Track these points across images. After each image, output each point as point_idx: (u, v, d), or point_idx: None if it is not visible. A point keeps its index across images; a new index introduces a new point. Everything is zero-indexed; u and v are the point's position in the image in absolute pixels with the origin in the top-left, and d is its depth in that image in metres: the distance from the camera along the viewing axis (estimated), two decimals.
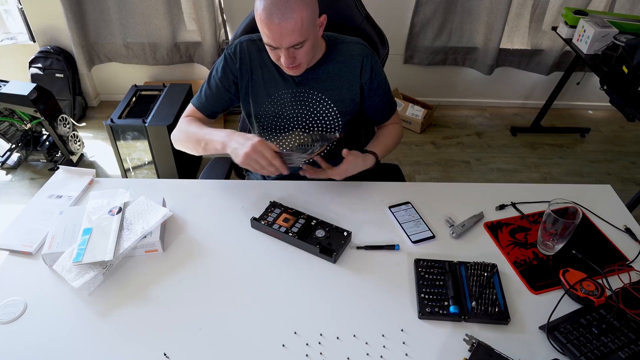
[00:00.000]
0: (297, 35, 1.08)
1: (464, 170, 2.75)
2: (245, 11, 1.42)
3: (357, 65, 1.28)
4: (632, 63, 1.95)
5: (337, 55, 1.27)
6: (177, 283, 1.02)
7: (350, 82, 1.29)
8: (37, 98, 2.36)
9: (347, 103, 1.32)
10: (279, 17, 1.05)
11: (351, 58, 1.27)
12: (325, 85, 1.29)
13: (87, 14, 2.81)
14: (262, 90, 1.30)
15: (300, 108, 1.31)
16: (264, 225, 1.13)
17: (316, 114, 1.32)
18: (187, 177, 2.54)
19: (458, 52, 3.03)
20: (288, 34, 1.07)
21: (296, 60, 1.14)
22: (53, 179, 1.28)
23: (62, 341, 0.90)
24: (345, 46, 1.27)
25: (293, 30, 1.07)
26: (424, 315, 0.95)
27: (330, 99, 1.30)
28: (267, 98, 1.30)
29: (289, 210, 1.17)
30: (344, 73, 1.28)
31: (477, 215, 1.19)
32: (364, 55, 1.28)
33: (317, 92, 1.29)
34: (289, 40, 1.09)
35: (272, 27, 1.06)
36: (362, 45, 1.29)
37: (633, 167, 2.82)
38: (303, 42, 1.11)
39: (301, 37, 1.09)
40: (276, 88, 1.29)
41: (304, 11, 1.07)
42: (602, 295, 0.96)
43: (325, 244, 1.07)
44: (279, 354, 0.88)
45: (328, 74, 1.28)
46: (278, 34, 1.08)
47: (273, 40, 1.10)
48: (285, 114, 1.32)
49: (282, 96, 1.30)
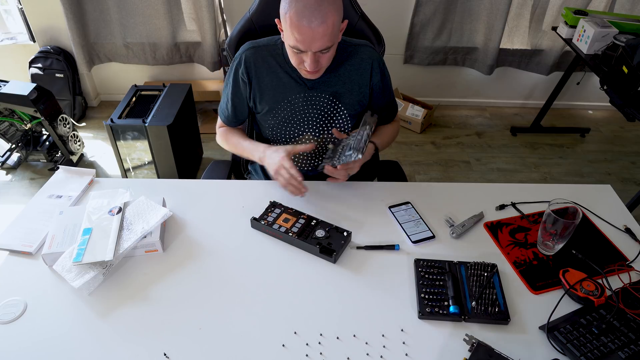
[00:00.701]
0: (327, 39, 1.08)
1: (464, 170, 2.75)
2: (245, 11, 1.42)
3: (367, 68, 1.29)
4: (632, 63, 1.95)
5: (347, 58, 1.27)
6: (177, 283, 1.02)
7: (360, 84, 1.30)
8: (37, 98, 2.36)
9: (357, 105, 1.33)
10: (312, 21, 1.04)
11: (361, 61, 1.28)
12: (337, 88, 1.29)
13: (87, 14, 2.81)
14: (272, 96, 1.30)
15: (312, 111, 1.31)
16: (264, 225, 1.13)
17: (327, 117, 1.33)
18: (187, 177, 2.54)
19: (458, 52, 3.03)
20: (319, 38, 1.07)
21: (319, 65, 1.15)
22: (53, 179, 1.28)
23: (62, 341, 0.90)
24: (355, 49, 1.28)
25: (324, 35, 1.07)
26: (424, 315, 0.95)
27: (341, 102, 1.31)
28: (278, 104, 1.30)
29: (289, 210, 1.17)
30: (354, 76, 1.29)
31: (477, 215, 1.19)
32: (373, 58, 1.29)
33: (329, 95, 1.29)
34: (319, 44, 1.08)
35: (303, 30, 1.05)
36: (370, 48, 1.29)
37: (633, 167, 2.82)
38: (330, 46, 1.11)
39: (330, 42, 1.10)
40: (288, 93, 1.29)
41: (335, 16, 1.07)
42: (602, 295, 0.96)
43: (325, 244, 1.07)
44: (279, 354, 0.88)
45: (339, 77, 1.28)
46: (309, 38, 1.07)
47: (302, 44, 1.09)
48: (297, 117, 1.32)
49: (294, 101, 1.30)
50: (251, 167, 1.57)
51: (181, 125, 2.36)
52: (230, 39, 1.41)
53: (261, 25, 1.38)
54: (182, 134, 2.37)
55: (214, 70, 3.01)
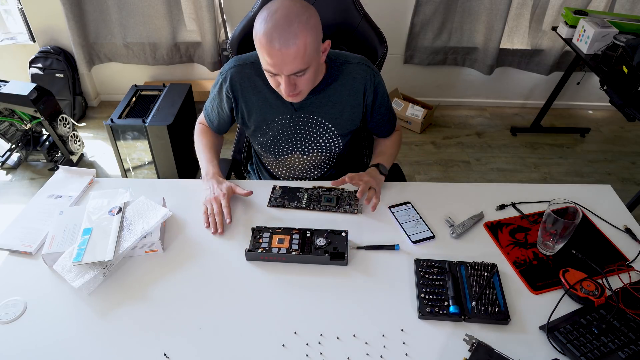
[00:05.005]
0: (299, 62, 1.02)
1: (464, 170, 2.75)
2: (245, 11, 1.42)
3: (359, 89, 1.23)
4: (632, 63, 1.95)
5: (338, 78, 1.21)
6: (177, 283, 1.02)
7: (352, 105, 1.25)
8: (37, 98, 2.36)
9: (348, 125, 1.29)
10: (281, 43, 0.98)
11: (354, 81, 1.22)
12: (326, 109, 1.24)
13: (87, 14, 2.81)
14: (259, 116, 1.26)
15: (300, 132, 1.28)
16: (261, 253, 1.05)
17: (316, 138, 1.29)
18: (187, 177, 2.54)
19: (458, 52, 3.03)
20: (290, 61, 1.01)
21: (297, 88, 1.09)
22: (53, 179, 1.28)
23: (62, 341, 0.90)
24: (347, 68, 1.21)
25: (295, 57, 1.00)
26: (424, 315, 0.95)
27: (330, 123, 1.26)
28: (264, 124, 1.27)
29: (277, 230, 1.11)
30: (345, 97, 1.23)
31: (477, 215, 1.19)
32: (367, 77, 1.22)
33: (317, 116, 1.25)
34: (291, 67, 1.02)
35: (273, 53, 1.00)
36: (364, 66, 1.22)
37: (633, 167, 2.82)
38: (305, 69, 1.05)
39: (303, 65, 1.03)
40: (274, 114, 1.25)
41: (308, 37, 1.00)
42: (602, 295, 0.96)
43: (332, 250, 1.06)
44: (279, 354, 0.88)
45: (329, 98, 1.23)
46: (279, 61, 1.01)
47: (273, 67, 1.03)
48: (284, 138, 1.29)
49: (280, 122, 1.26)
50: (250, 167, 1.57)
51: (181, 125, 2.36)
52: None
53: None
54: (182, 134, 2.36)
55: (214, 70, 3.01)
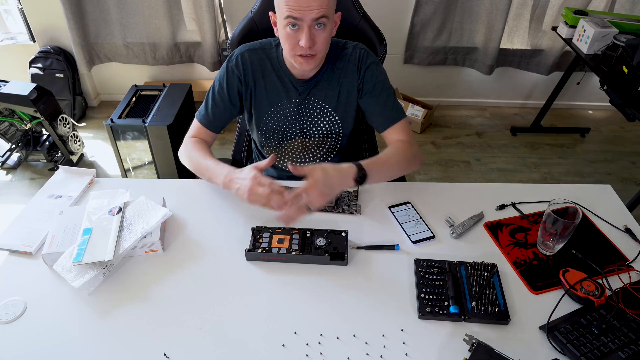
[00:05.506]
0: (324, 6, 1.05)
1: (464, 170, 2.75)
2: (245, 11, 1.42)
3: (354, 70, 1.25)
4: (632, 63, 1.95)
5: (336, 62, 1.25)
6: (177, 283, 1.02)
7: (349, 88, 1.27)
8: (37, 98, 2.36)
9: (345, 107, 1.30)
10: None
11: (348, 63, 1.25)
12: (326, 92, 1.28)
13: (87, 14, 2.81)
14: (265, 100, 1.28)
15: (303, 117, 1.31)
16: (261, 253, 1.05)
17: (318, 123, 1.32)
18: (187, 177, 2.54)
19: (458, 52, 3.03)
20: (316, 3, 1.03)
21: (315, 46, 1.10)
22: (53, 179, 1.28)
23: (62, 341, 0.90)
24: (344, 52, 1.25)
25: (321, 2, 1.04)
26: (424, 315, 0.95)
27: (331, 107, 1.29)
28: (270, 108, 1.29)
29: (277, 230, 1.10)
30: (342, 80, 1.26)
31: (477, 215, 1.19)
32: (360, 57, 1.24)
33: (319, 100, 1.28)
34: (316, 11, 1.04)
35: None
36: (359, 49, 1.25)
37: (633, 167, 2.82)
38: (327, 18, 1.07)
39: (327, 11, 1.06)
40: (279, 98, 1.28)
41: None
42: (602, 295, 0.96)
43: (332, 250, 1.06)
44: (279, 354, 0.88)
45: (329, 82, 1.26)
46: (305, 3, 1.03)
47: (298, 10, 1.04)
48: (288, 123, 1.31)
49: (285, 106, 1.29)
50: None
51: (181, 126, 2.36)
52: (232, 39, 1.41)
53: (263, 26, 1.38)
54: (182, 134, 2.35)
55: (214, 70, 3.01)
